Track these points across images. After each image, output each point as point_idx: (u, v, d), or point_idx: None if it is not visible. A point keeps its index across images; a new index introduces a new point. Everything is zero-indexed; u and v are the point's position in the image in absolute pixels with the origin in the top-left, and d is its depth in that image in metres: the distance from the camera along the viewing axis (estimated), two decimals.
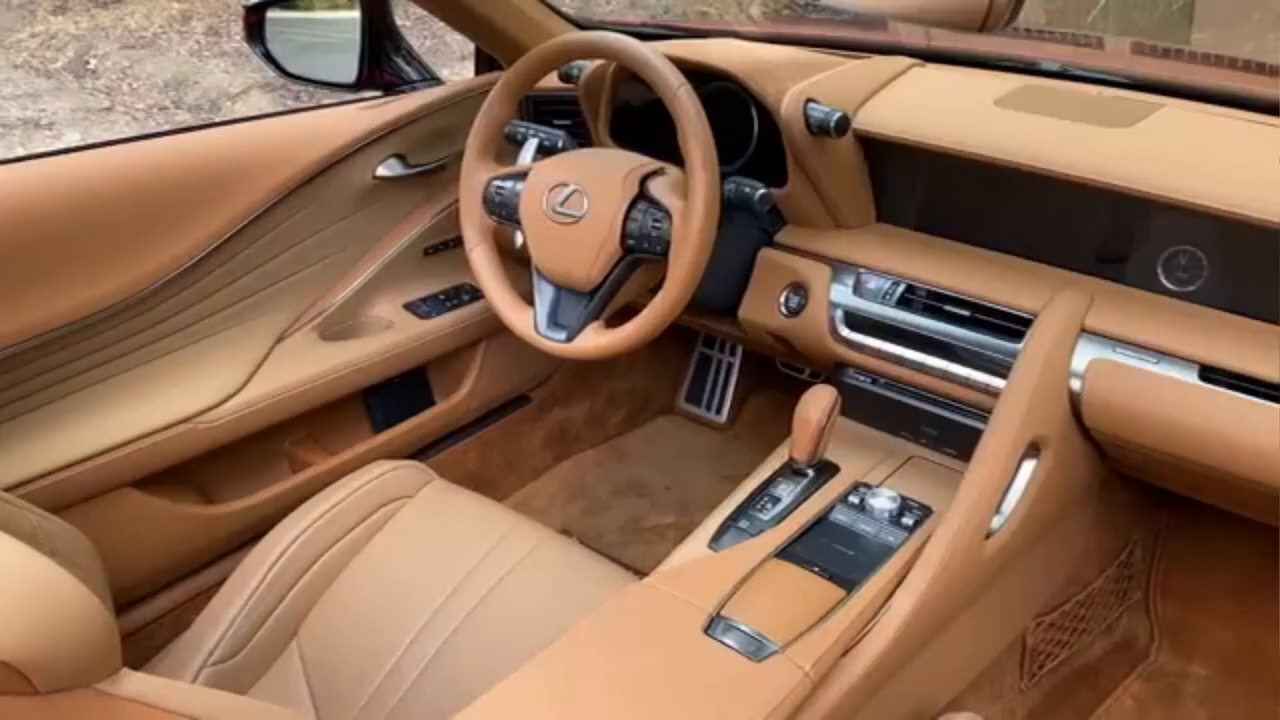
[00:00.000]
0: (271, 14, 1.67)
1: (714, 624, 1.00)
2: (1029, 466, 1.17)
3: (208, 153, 1.44)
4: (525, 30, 1.53)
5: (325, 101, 1.67)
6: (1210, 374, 1.11)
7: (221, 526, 1.47)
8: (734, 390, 2.16)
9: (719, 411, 2.17)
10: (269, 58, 1.67)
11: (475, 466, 1.85)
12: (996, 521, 1.15)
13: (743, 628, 0.99)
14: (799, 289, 1.40)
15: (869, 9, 1.27)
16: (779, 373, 2.02)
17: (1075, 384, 1.18)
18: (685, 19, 6.19)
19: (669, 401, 2.23)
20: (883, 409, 1.36)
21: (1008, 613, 1.36)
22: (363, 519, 1.29)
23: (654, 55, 1.23)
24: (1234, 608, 1.57)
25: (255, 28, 1.66)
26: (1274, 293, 1.13)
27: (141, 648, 1.39)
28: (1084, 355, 1.17)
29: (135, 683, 0.69)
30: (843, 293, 1.36)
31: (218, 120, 4.45)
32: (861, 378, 1.39)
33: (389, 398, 1.66)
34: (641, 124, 1.48)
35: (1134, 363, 1.15)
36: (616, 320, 1.32)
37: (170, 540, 1.41)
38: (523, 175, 1.35)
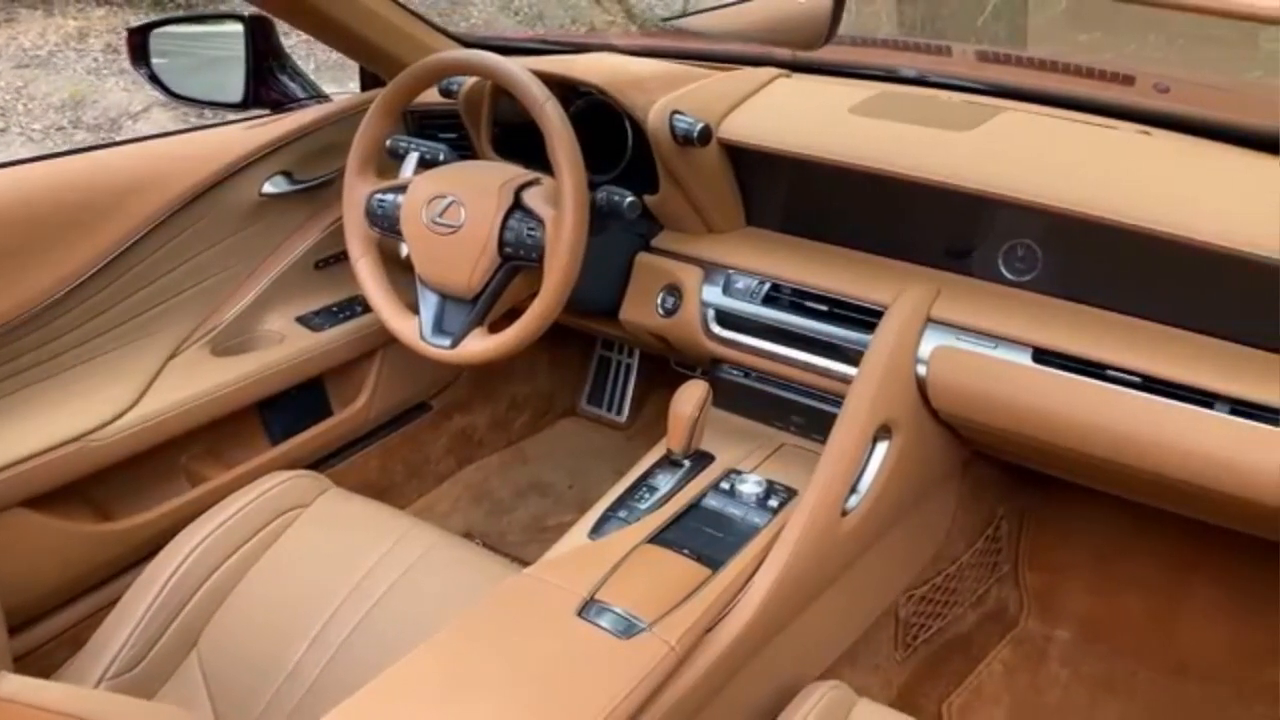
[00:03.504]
0: (156, 34, 1.68)
1: (587, 607, 1.06)
2: (882, 448, 1.26)
3: (93, 174, 1.46)
4: (404, 47, 1.57)
5: (212, 121, 1.69)
6: (1042, 356, 1.21)
7: (119, 543, 1.48)
8: (633, 391, 2.23)
9: (619, 412, 2.24)
10: (155, 79, 1.69)
11: (376, 475, 1.88)
12: (853, 500, 1.23)
13: (615, 609, 1.05)
14: (674, 290, 1.47)
15: (719, 30, 1.35)
16: (674, 372, 2.09)
17: (921, 370, 1.27)
18: (593, 30, 6.26)
19: (571, 404, 2.29)
20: (755, 400, 1.44)
21: (876, 587, 1.44)
22: (259, 529, 1.31)
23: (521, 71, 1.29)
24: (1094, 574, 1.69)
25: (139, 50, 1.68)
26: (1101, 279, 1.23)
27: (41, 666, 1.40)
28: (930, 343, 1.27)
29: (12, 684, 0.72)
30: (714, 293, 1.44)
31: (110, 141, 4.38)
32: (735, 372, 1.46)
33: (285, 410, 1.69)
34: (525, 137, 1.53)
35: (974, 348, 1.24)
36: (502, 325, 1.38)
37: (65, 559, 1.43)
38: (403, 188, 1.40)
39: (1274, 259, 1.03)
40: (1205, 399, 1.12)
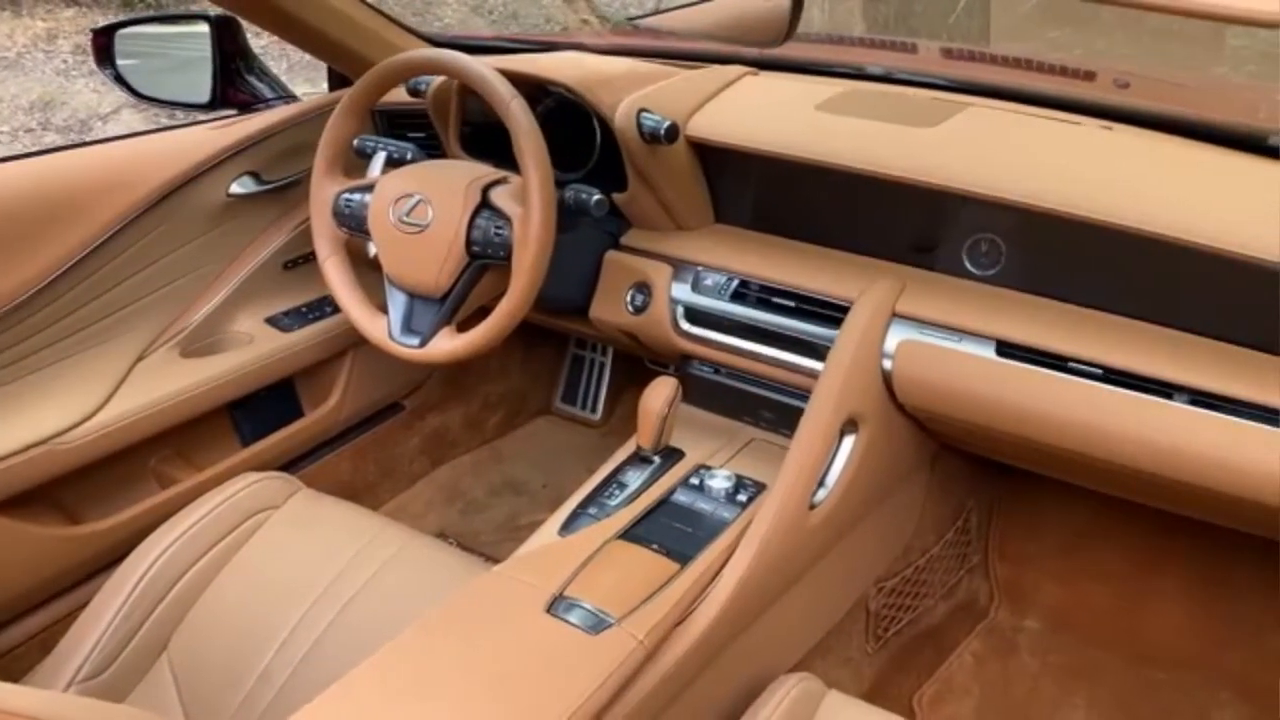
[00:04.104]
0: (121, 34, 1.67)
1: (556, 604, 1.06)
2: (849, 441, 1.27)
3: (59, 175, 1.45)
4: (370, 47, 1.57)
5: (179, 122, 1.69)
6: (1006, 349, 1.23)
7: (88, 546, 1.47)
8: (607, 389, 2.23)
9: (594, 410, 2.24)
10: (120, 80, 1.68)
11: (349, 476, 1.88)
12: (820, 494, 1.24)
13: (584, 605, 1.05)
14: (643, 288, 1.48)
15: (683, 29, 1.36)
16: (648, 370, 2.10)
17: (887, 364, 1.28)
18: (566, 32, 6.26)
19: (546, 403, 2.29)
20: (725, 396, 1.45)
21: (846, 580, 1.46)
22: (229, 531, 1.31)
23: (486, 70, 1.29)
24: (1062, 565, 1.71)
25: (104, 50, 1.67)
26: (1064, 273, 1.24)
27: (9, 671, 1.39)
28: (895, 337, 1.28)
29: None
30: (683, 290, 1.45)
31: (76, 142, 4.33)
32: (705, 368, 1.47)
33: (255, 411, 1.68)
34: (494, 136, 1.53)
35: (938, 342, 1.26)
36: (472, 324, 1.38)
37: (33, 563, 1.41)
38: (371, 187, 1.40)
39: (1233, 252, 1.05)
40: (1165, 390, 1.14)
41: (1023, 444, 1.26)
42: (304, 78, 4.74)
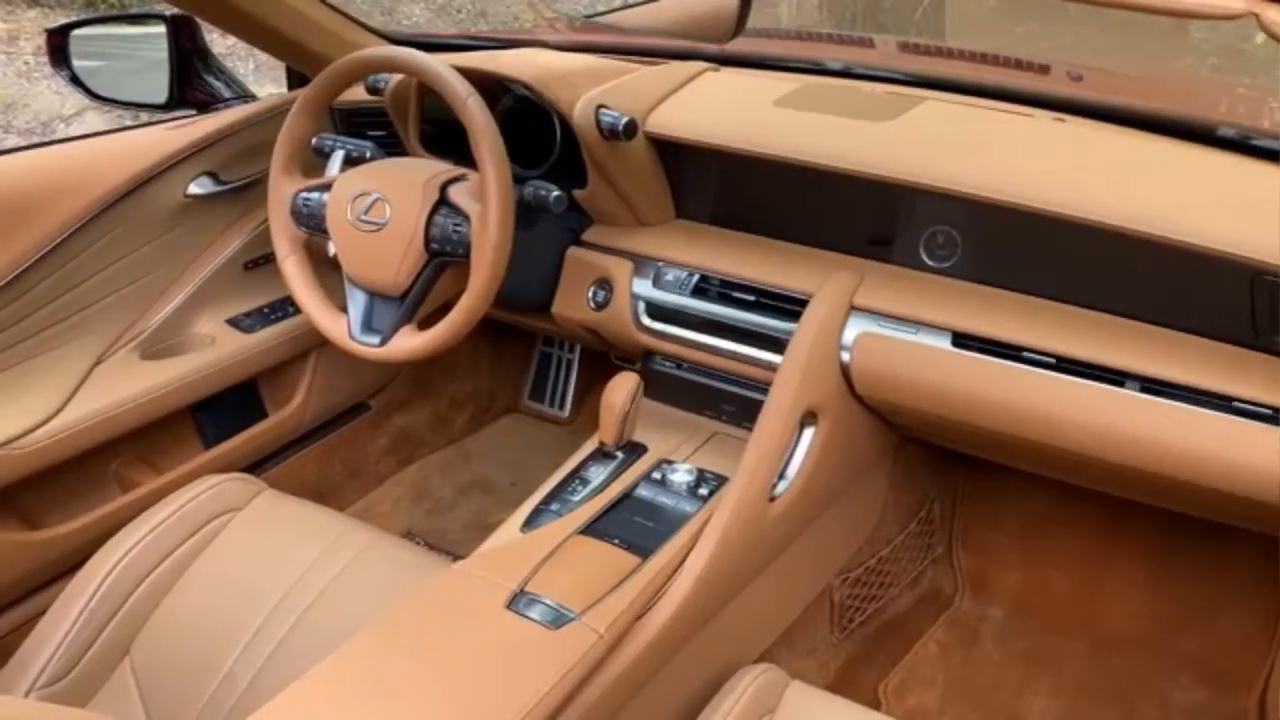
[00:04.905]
0: (76, 35, 1.65)
1: (516, 599, 1.06)
2: (808, 433, 1.28)
3: (14, 176, 1.43)
4: (329, 45, 1.56)
5: (134, 123, 1.67)
6: (961, 340, 1.24)
7: (49, 551, 1.46)
8: (575, 386, 2.23)
9: (561, 407, 2.24)
10: (76, 81, 1.66)
11: (315, 477, 1.87)
12: (781, 486, 1.25)
13: (544, 600, 1.06)
14: (604, 284, 1.48)
15: (638, 26, 1.36)
16: (616, 367, 2.10)
17: (845, 356, 1.29)
18: (534, 29, 6.24)
19: (514, 401, 2.28)
20: (687, 391, 1.45)
21: (810, 570, 1.47)
22: (192, 533, 1.30)
23: (443, 67, 1.29)
24: (1023, 554, 1.73)
25: (59, 51, 1.65)
26: (1018, 264, 1.26)
27: None
28: (853, 330, 1.29)
29: None
30: (644, 285, 1.45)
31: (32, 143, 4.27)
32: (667, 363, 1.48)
33: (218, 413, 1.67)
34: (456, 133, 1.53)
35: (895, 334, 1.27)
36: (434, 321, 1.38)
37: None
38: (329, 186, 1.39)
39: (1180, 240, 1.07)
40: (1116, 378, 1.15)
41: (980, 433, 1.27)
42: (270, 78, 4.70)
